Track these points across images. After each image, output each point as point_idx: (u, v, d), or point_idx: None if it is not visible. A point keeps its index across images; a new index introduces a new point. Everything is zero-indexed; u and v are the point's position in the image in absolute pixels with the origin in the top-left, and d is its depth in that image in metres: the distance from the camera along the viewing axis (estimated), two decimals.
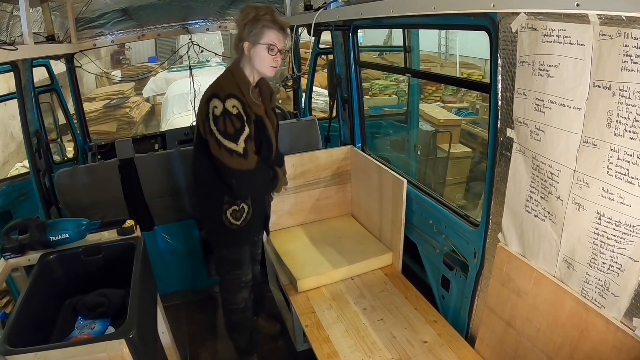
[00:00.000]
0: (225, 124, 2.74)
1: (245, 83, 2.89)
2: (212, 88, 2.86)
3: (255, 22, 2.81)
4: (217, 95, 2.77)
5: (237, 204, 3.07)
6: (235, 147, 2.78)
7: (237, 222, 3.10)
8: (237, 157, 2.79)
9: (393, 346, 2.90)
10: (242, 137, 2.79)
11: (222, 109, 2.74)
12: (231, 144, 2.77)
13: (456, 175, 7.66)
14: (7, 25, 3.42)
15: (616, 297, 1.91)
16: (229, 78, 2.90)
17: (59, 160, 4.99)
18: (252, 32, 2.83)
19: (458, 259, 3.08)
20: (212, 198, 3.08)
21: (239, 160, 2.80)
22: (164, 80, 15.41)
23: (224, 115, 2.74)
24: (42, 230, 2.70)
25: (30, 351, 1.95)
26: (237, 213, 3.08)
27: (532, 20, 1.99)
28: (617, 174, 1.75)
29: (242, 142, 2.79)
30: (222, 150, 2.77)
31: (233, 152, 2.78)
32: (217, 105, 2.74)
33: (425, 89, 11.86)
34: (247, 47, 2.86)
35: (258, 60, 2.89)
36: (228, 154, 2.78)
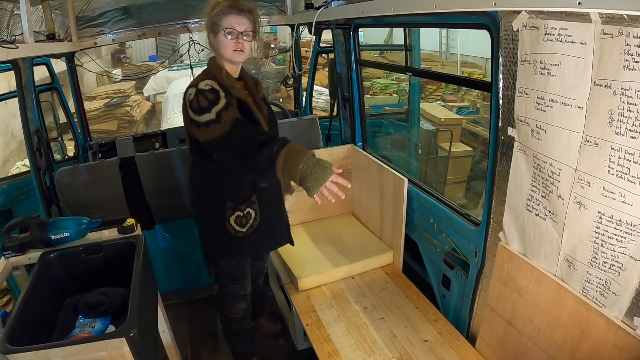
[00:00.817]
0: (198, 101, 2.57)
1: (218, 70, 2.79)
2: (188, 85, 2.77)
3: (211, 13, 2.74)
4: (191, 85, 2.69)
5: (242, 209, 2.91)
6: (209, 116, 2.53)
7: (242, 229, 2.95)
8: (212, 125, 2.52)
9: (394, 345, 2.90)
10: (216, 106, 2.54)
11: (196, 90, 2.61)
12: (205, 116, 2.54)
13: (457, 174, 7.66)
14: (8, 24, 3.41)
15: (617, 296, 1.91)
16: (204, 72, 2.85)
17: (59, 159, 4.99)
18: (211, 24, 2.76)
19: (459, 258, 3.08)
20: (213, 204, 2.96)
21: (214, 128, 2.52)
22: (164, 79, 15.43)
23: (197, 94, 2.60)
24: (42, 229, 2.70)
25: (31, 350, 1.95)
26: (242, 219, 2.93)
27: (533, 18, 1.99)
28: (618, 173, 1.74)
29: (215, 110, 2.53)
30: (202, 129, 2.56)
31: (208, 122, 2.53)
32: (191, 92, 2.64)
33: (426, 88, 11.87)
34: (211, 40, 2.81)
35: (222, 48, 2.78)
36: (206, 129, 2.54)
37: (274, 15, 5.12)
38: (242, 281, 3.27)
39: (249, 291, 3.36)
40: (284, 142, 2.43)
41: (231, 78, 2.80)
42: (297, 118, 5.02)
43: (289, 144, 2.44)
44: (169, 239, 4.41)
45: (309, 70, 5.61)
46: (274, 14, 5.09)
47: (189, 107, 2.64)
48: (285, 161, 2.37)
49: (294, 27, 4.87)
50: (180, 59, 6.41)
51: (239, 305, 3.35)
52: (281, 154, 2.38)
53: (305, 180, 2.35)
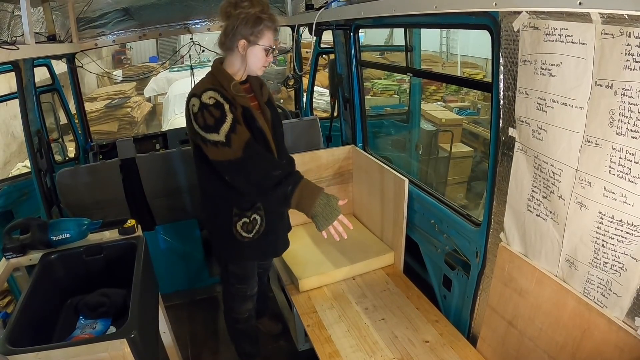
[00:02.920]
0: (204, 117, 2.56)
1: (226, 78, 2.73)
2: (192, 90, 2.70)
3: (256, 22, 2.65)
4: (194, 95, 2.62)
5: (248, 216, 2.88)
6: (217, 137, 2.55)
7: (249, 234, 2.93)
8: (222, 147, 2.56)
9: (395, 346, 2.90)
10: (223, 126, 2.56)
11: (199, 103, 2.57)
12: (213, 135, 2.55)
13: (458, 174, 7.66)
14: (9, 25, 3.42)
15: (618, 296, 1.91)
16: (208, 77, 2.78)
17: (60, 160, 4.99)
18: (252, 32, 2.66)
19: (460, 259, 3.07)
20: (219, 210, 2.93)
21: (224, 150, 2.56)
22: (165, 80, 15.43)
23: (202, 109, 2.57)
24: (43, 230, 2.70)
25: (32, 351, 1.95)
26: (248, 225, 2.90)
27: (534, 19, 1.99)
28: (619, 173, 1.74)
29: (223, 131, 2.55)
30: (209, 146, 2.58)
31: (217, 143, 2.55)
32: (194, 103, 2.59)
33: (426, 89, 11.87)
34: (243, 46, 2.69)
35: (254, 60, 2.76)
36: (214, 148, 2.57)
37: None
38: (249, 282, 3.27)
39: (255, 291, 3.36)
40: (297, 180, 2.61)
41: (237, 86, 2.75)
42: (298, 119, 5.02)
43: (301, 182, 2.62)
44: (170, 240, 4.41)
45: (310, 71, 5.62)
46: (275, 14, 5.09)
47: (193, 120, 2.60)
48: (298, 201, 2.60)
49: (294, 28, 4.87)
50: (180, 60, 6.42)
51: (245, 305, 3.35)
52: (295, 194, 2.58)
53: (316, 218, 2.63)
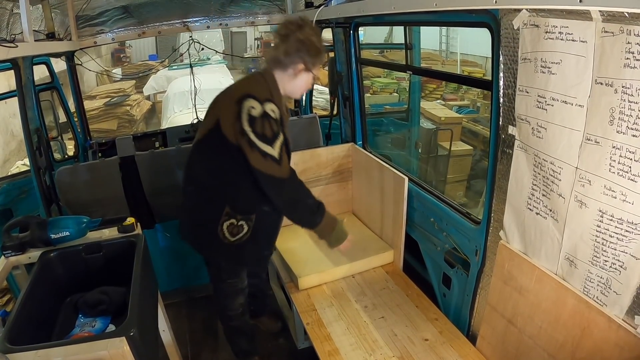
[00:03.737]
0: (263, 126, 2.60)
1: (278, 94, 2.83)
2: (242, 89, 2.74)
3: (318, 52, 2.81)
4: (253, 97, 2.63)
5: (237, 219, 2.90)
6: (270, 150, 2.63)
7: (231, 237, 2.94)
8: (270, 161, 2.64)
9: (394, 344, 2.90)
10: (278, 141, 2.65)
11: (262, 110, 2.61)
12: (266, 146, 2.62)
13: (457, 173, 7.67)
14: (8, 23, 3.41)
15: (618, 295, 1.91)
16: (262, 84, 2.79)
17: (59, 158, 4.98)
18: (313, 60, 2.82)
19: (459, 257, 3.07)
20: (210, 206, 2.93)
21: (272, 165, 2.65)
22: (164, 78, 15.46)
23: (263, 117, 2.61)
24: (42, 228, 2.70)
25: (31, 349, 1.95)
26: (233, 228, 2.92)
27: (534, 17, 1.99)
28: (619, 172, 1.74)
29: (277, 147, 2.65)
30: (256, 153, 2.61)
31: (267, 155, 2.62)
32: (255, 106, 2.60)
33: (426, 87, 11.89)
34: (300, 70, 2.82)
35: (301, 84, 2.91)
36: (262, 158, 2.63)
37: (274, 14, 5.10)
38: (240, 275, 3.27)
39: (246, 285, 3.36)
40: (324, 212, 2.97)
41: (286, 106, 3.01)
42: (298, 117, 5.01)
43: (326, 214, 2.98)
44: (169, 238, 4.41)
45: None
46: (274, 12, 5.08)
47: (248, 121, 2.60)
48: (321, 230, 3.00)
49: None
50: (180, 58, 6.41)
51: (237, 300, 3.34)
52: (321, 224, 2.96)
53: (330, 242, 3.07)
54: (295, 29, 2.75)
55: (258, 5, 4.98)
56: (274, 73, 2.84)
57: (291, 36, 2.75)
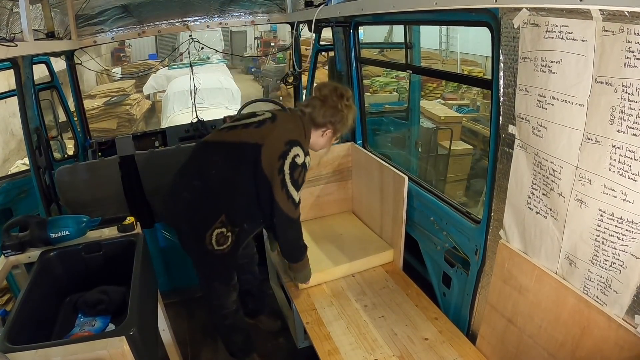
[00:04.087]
0: (300, 174, 2.95)
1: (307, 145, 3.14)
2: (295, 134, 3.02)
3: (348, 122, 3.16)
4: (301, 145, 2.97)
5: (227, 229, 3.02)
6: (295, 194, 2.96)
7: (216, 246, 3.01)
8: (291, 203, 2.96)
9: (394, 343, 2.90)
10: (300, 189, 3.00)
11: (303, 161, 2.96)
12: (294, 191, 2.94)
13: (457, 172, 7.66)
14: (7, 22, 3.41)
15: (618, 294, 1.91)
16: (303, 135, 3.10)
17: (59, 158, 4.97)
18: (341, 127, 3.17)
19: (459, 256, 3.07)
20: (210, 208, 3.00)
21: (291, 207, 2.97)
22: (164, 78, 15.46)
23: (303, 167, 2.96)
24: (42, 228, 2.71)
25: (31, 349, 1.95)
26: (221, 238, 3.01)
27: (534, 16, 1.99)
28: (619, 171, 1.74)
29: (299, 194, 3.00)
30: (283, 194, 2.91)
31: (291, 197, 2.94)
32: (300, 155, 2.93)
33: (426, 86, 11.88)
34: (328, 134, 3.20)
35: (324, 143, 3.26)
36: (286, 199, 2.93)
37: (274, 13, 5.11)
38: (230, 270, 3.31)
39: (236, 280, 3.39)
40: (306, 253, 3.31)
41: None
42: None
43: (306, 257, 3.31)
44: (169, 237, 4.41)
45: (309, 69, 5.60)
46: (274, 12, 5.09)
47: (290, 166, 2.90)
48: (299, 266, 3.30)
49: (294, 25, 4.87)
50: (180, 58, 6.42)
51: (231, 297, 3.38)
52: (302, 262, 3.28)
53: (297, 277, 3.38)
54: (338, 99, 3.09)
55: (258, 4, 4.98)
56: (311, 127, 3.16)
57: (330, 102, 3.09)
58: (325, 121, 3.11)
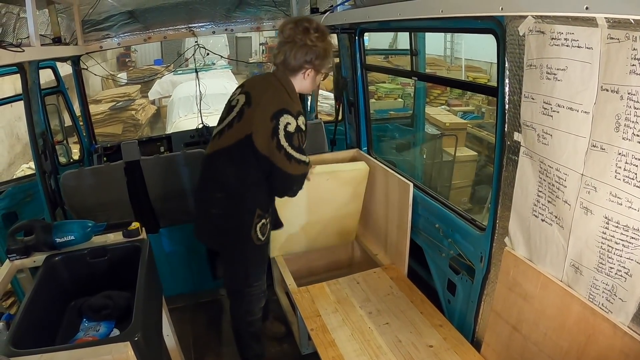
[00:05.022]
0: (299, 140, 2.90)
1: (298, 99, 3.06)
2: (277, 103, 2.90)
3: (326, 54, 3.00)
4: (288, 112, 2.86)
5: (265, 218, 3.12)
6: (305, 158, 2.97)
7: (262, 237, 3.14)
8: (303, 165, 2.97)
9: (399, 350, 2.89)
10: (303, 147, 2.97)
11: (296, 125, 2.87)
12: (302, 156, 2.94)
13: (462, 178, 7.66)
14: (14, 27, 3.42)
15: (624, 302, 1.90)
16: (289, 94, 2.99)
17: (64, 162, 4.98)
18: (320, 63, 3.00)
19: (464, 263, 3.07)
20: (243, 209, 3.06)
21: (303, 167, 3.00)
22: (169, 83, 15.50)
23: (298, 132, 2.88)
24: (47, 232, 2.71)
25: (35, 353, 1.95)
26: (264, 228, 3.14)
27: (539, 23, 1.99)
28: (625, 178, 1.74)
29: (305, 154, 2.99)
30: (293, 162, 2.90)
31: (301, 162, 2.95)
32: (290, 122, 2.85)
33: (430, 93, 11.89)
34: (309, 73, 3.02)
35: (311, 83, 3.10)
36: (297, 164, 2.93)
37: (279, 19, 5.11)
38: (264, 277, 3.38)
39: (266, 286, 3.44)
40: None
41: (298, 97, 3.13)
42: None
43: None
44: (174, 243, 4.41)
45: None
46: (280, 18, 5.09)
47: (284, 136, 2.85)
48: None
49: None
50: (185, 63, 6.43)
51: (261, 303, 3.45)
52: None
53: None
54: (300, 34, 2.89)
55: (263, 10, 4.99)
56: (289, 78, 3.03)
57: (297, 41, 2.89)
58: (299, 64, 2.97)
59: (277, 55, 3.00)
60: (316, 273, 3.62)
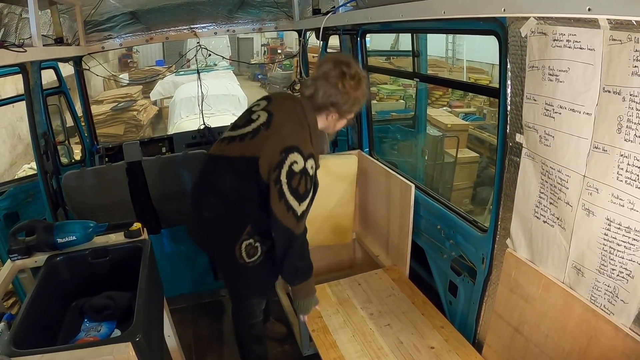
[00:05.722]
0: (299, 182, 2.66)
1: (317, 141, 2.89)
2: (292, 139, 2.72)
3: (356, 103, 2.82)
4: (299, 150, 2.67)
5: (254, 239, 2.91)
6: (296, 206, 2.69)
7: (247, 259, 2.94)
8: (291, 215, 2.69)
9: (400, 352, 2.89)
10: (306, 200, 2.73)
11: (303, 167, 2.66)
12: (294, 202, 2.68)
13: (463, 180, 7.66)
14: (16, 28, 3.42)
15: (625, 303, 1.90)
16: (306, 131, 2.82)
17: (66, 163, 4.99)
18: (347, 110, 2.85)
19: (466, 265, 3.07)
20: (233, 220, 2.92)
21: (291, 220, 2.71)
22: (171, 84, 15.54)
23: (302, 174, 2.67)
24: (49, 232, 2.71)
25: (37, 353, 1.95)
26: (251, 249, 2.92)
27: (541, 24, 1.99)
28: (627, 180, 1.73)
29: (303, 206, 2.72)
30: (281, 203, 2.67)
31: (291, 209, 2.68)
32: (298, 161, 2.65)
33: (432, 94, 11.89)
34: (334, 117, 2.89)
35: (332, 126, 2.98)
36: (285, 210, 2.68)
37: (281, 20, 5.12)
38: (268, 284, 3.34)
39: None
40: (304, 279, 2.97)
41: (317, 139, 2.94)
42: None
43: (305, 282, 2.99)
44: (175, 244, 4.42)
45: None
46: (282, 19, 5.10)
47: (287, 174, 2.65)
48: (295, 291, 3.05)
49: (301, 33, 4.88)
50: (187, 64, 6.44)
51: (261, 305, 3.43)
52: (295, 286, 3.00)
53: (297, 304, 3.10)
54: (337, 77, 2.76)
55: (265, 11, 5.00)
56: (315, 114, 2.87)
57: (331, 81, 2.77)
58: (325, 102, 2.81)
59: (308, 88, 2.85)
60: (317, 274, 3.60)
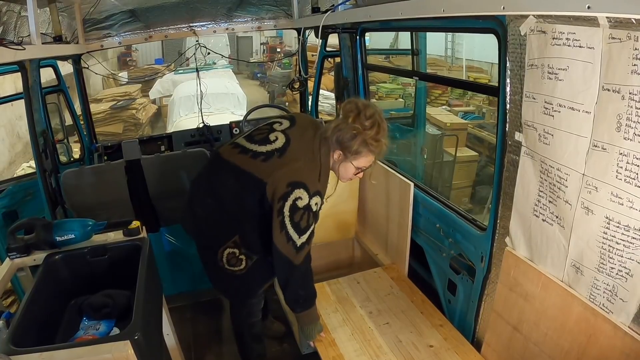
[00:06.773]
0: (301, 217, 2.64)
1: (327, 179, 2.85)
2: (302, 175, 2.68)
3: (363, 143, 2.69)
4: (305, 187, 2.64)
5: (239, 251, 2.91)
6: (296, 238, 2.67)
7: (227, 265, 2.95)
8: (291, 246, 2.68)
9: (399, 350, 2.89)
10: (307, 234, 2.70)
11: (307, 203, 2.64)
12: (295, 234, 2.66)
13: (463, 179, 7.66)
14: (15, 26, 3.42)
15: (624, 302, 1.90)
16: (316, 169, 2.77)
17: (65, 161, 4.98)
18: (352, 149, 2.71)
19: (465, 263, 3.07)
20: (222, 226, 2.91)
21: (291, 250, 2.69)
22: (170, 82, 15.52)
23: (305, 210, 2.64)
24: (48, 231, 2.70)
25: (35, 351, 1.94)
26: (232, 259, 2.93)
27: (541, 23, 1.98)
28: (626, 178, 1.73)
29: (303, 239, 2.69)
30: (282, 234, 2.66)
31: (291, 240, 2.67)
32: (302, 197, 2.62)
33: (431, 93, 11.88)
34: (338, 158, 2.80)
35: (342, 172, 2.86)
36: (285, 241, 2.67)
37: (280, 19, 5.11)
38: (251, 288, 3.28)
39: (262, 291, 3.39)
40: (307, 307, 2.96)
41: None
42: None
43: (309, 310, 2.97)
44: (174, 242, 4.41)
45: (315, 74, 5.61)
46: (281, 17, 5.09)
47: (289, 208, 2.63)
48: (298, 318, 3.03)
49: (300, 31, 4.87)
50: (186, 63, 6.43)
51: (259, 305, 3.42)
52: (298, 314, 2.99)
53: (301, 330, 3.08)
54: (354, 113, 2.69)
55: (264, 10, 4.99)
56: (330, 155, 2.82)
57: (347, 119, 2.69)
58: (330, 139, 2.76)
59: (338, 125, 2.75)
60: (316, 272, 3.59)
